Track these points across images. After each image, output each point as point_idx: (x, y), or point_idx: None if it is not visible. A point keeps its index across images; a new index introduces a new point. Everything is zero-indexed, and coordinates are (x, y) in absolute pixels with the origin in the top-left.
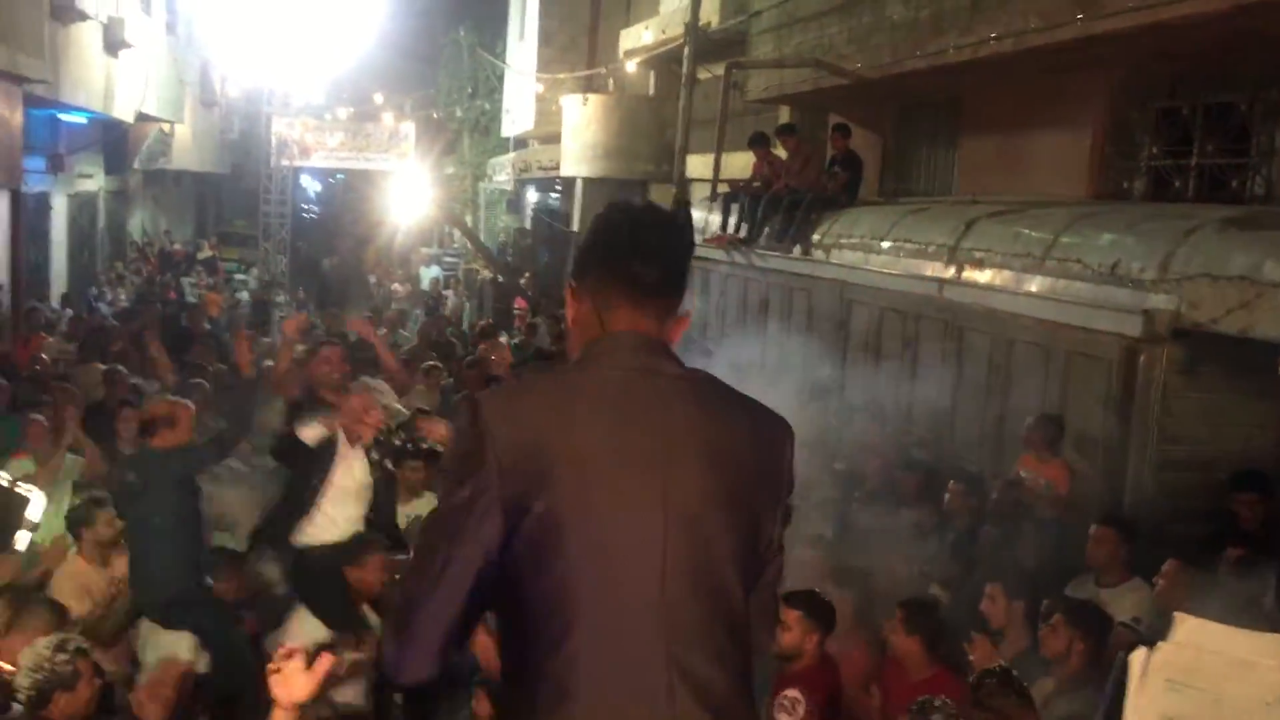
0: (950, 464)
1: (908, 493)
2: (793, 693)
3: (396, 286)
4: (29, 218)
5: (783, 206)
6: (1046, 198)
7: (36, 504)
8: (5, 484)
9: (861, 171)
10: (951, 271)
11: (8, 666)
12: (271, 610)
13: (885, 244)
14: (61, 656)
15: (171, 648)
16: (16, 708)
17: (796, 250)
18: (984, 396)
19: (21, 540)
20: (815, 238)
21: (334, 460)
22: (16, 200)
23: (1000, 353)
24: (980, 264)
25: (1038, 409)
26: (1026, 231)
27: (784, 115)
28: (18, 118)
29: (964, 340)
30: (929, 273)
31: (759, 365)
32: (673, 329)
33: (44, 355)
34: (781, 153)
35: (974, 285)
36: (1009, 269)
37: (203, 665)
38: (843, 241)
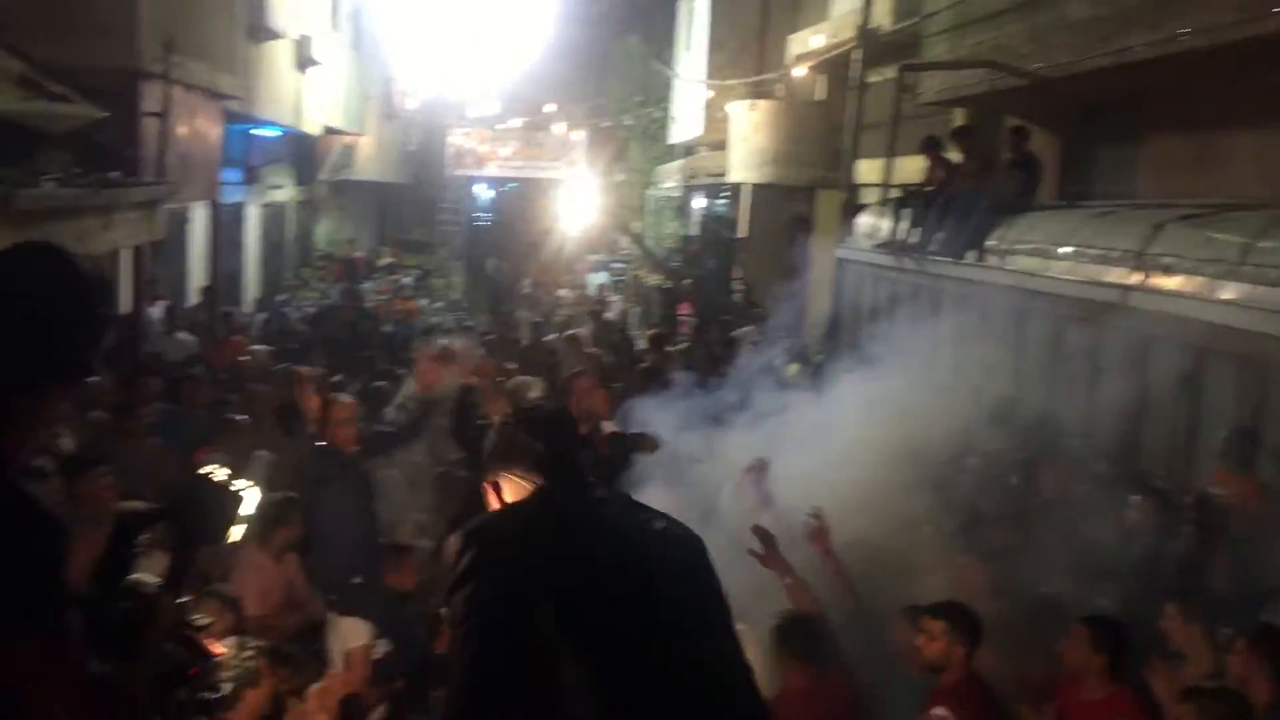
0: (1134, 478)
1: (1088, 507)
2: (940, 711)
3: (563, 292)
4: (225, 228)
5: (956, 212)
6: (1240, 199)
7: (250, 501)
8: (222, 480)
9: (1039, 174)
10: (1138, 278)
11: (220, 649)
12: None
13: (1065, 249)
14: (246, 654)
15: (351, 633)
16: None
17: (970, 256)
18: (1172, 409)
19: (235, 535)
20: (990, 243)
21: None
22: (215, 211)
23: (1190, 363)
24: (1169, 270)
25: (1230, 422)
26: (1220, 236)
27: (958, 118)
28: (217, 133)
29: (1151, 350)
30: (1113, 279)
31: (930, 375)
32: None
33: (241, 358)
34: (956, 156)
35: (1162, 292)
36: (1201, 275)
37: (380, 650)
38: (1019, 247)
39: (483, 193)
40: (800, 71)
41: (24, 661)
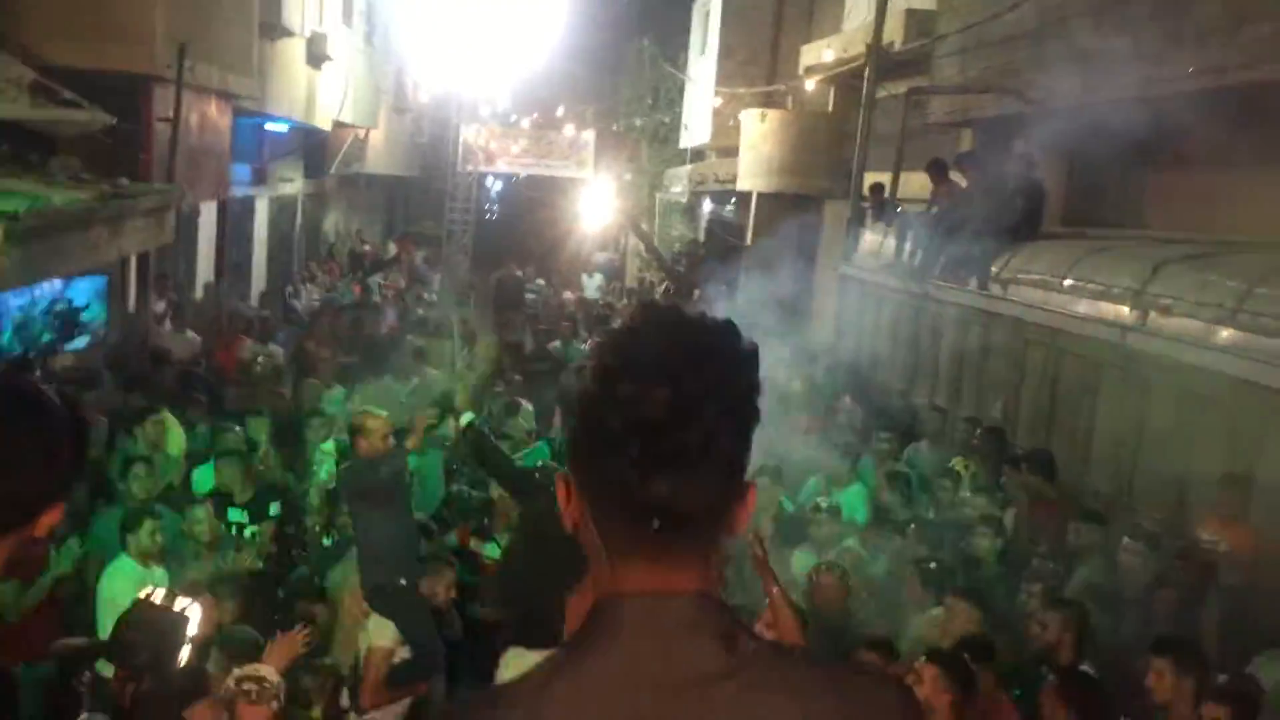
0: (1125, 521)
1: (1083, 547)
2: None
3: (568, 295)
4: (234, 222)
5: (960, 236)
6: (1245, 238)
7: (195, 619)
8: (159, 602)
9: (1044, 202)
10: (1136, 318)
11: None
12: None
13: (1066, 282)
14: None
15: (377, 633)
16: None
17: (973, 283)
18: (1166, 452)
19: (183, 656)
20: (993, 270)
21: None
22: (223, 206)
23: (1186, 408)
24: (1167, 311)
25: (1224, 469)
26: (1218, 279)
27: (966, 140)
28: (227, 132)
29: (1148, 392)
30: (1112, 317)
31: (928, 401)
32: (732, 529)
33: (243, 356)
34: (961, 180)
35: (1159, 334)
36: (1198, 319)
37: (402, 654)
38: (1021, 277)
39: (492, 189)
40: (811, 84)
41: None
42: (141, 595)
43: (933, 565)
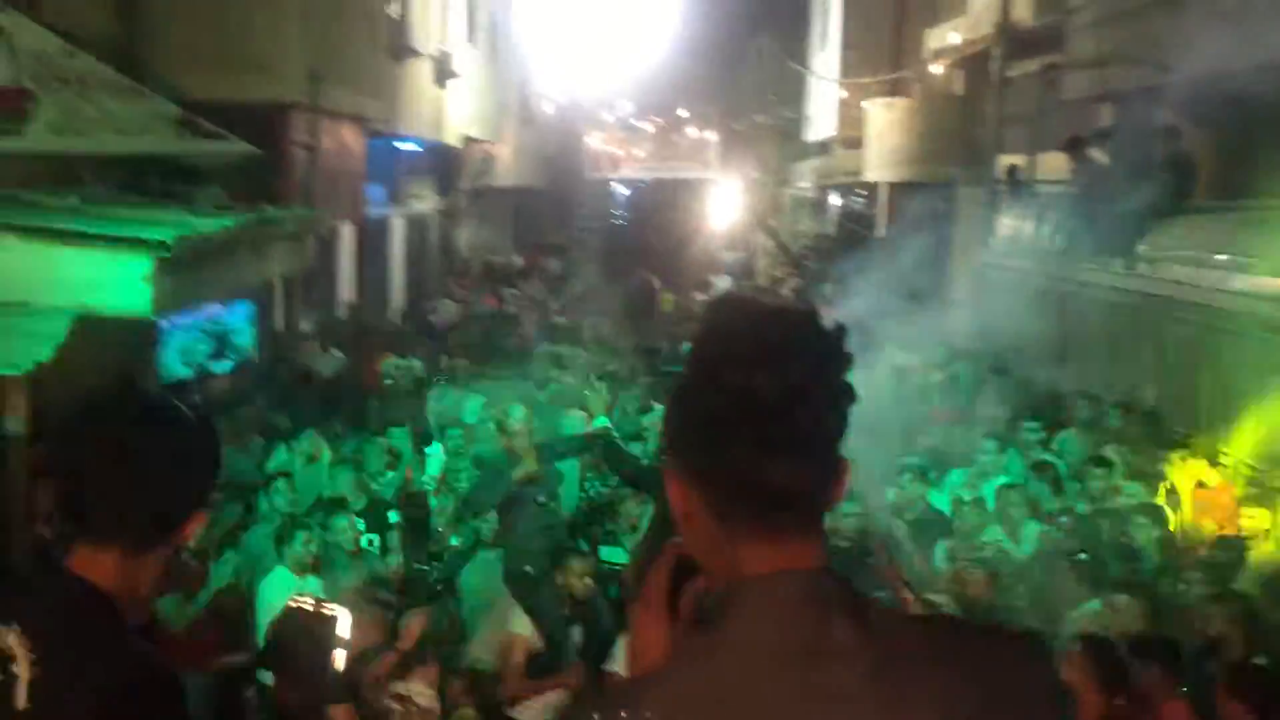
0: None
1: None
2: None
3: (698, 296)
4: (371, 240)
5: (1103, 215)
6: None
7: (344, 621)
8: (309, 607)
9: (1193, 177)
10: None
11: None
12: None
13: (1220, 257)
14: None
15: (515, 622)
16: None
17: (1119, 263)
18: None
19: (339, 659)
20: (1140, 249)
21: None
22: (361, 226)
23: None
24: None
25: None
26: None
27: (1104, 114)
28: (361, 154)
29: None
30: (1271, 291)
31: (1075, 387)
32: (830, 505)
33: (384, 371)
34: (1100, 157)
35: None
36: None
37: (536, 643)
38: (1170, 254)
39: (619, 193)
40: (937, 68)
41: None
42: (291, 601)
43: (1085, 557)
